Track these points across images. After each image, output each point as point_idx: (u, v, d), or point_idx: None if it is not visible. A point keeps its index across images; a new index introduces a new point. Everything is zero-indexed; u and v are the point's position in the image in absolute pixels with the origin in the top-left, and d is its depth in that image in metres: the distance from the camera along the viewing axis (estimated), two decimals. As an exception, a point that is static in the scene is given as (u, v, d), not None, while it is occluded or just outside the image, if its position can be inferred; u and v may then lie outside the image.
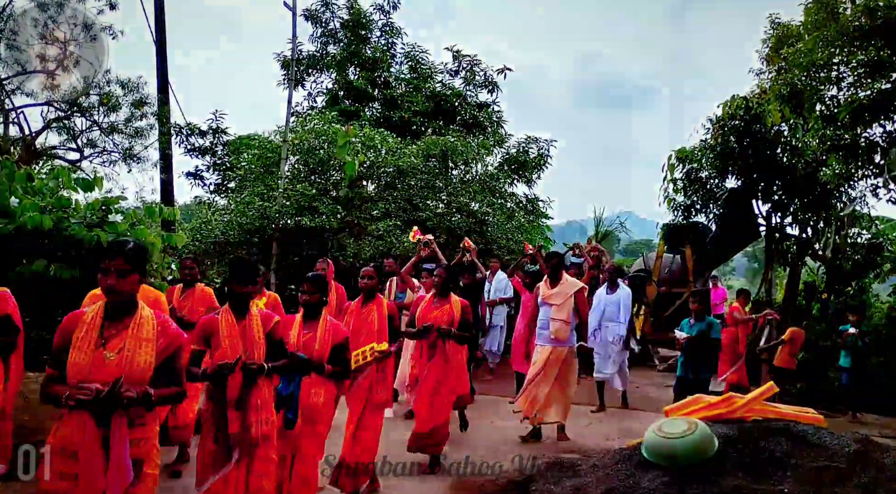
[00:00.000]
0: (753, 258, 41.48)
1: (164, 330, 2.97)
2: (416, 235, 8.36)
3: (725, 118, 12.27)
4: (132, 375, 2.80)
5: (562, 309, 6.70)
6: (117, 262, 2.85)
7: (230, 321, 3.80)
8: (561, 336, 6.66)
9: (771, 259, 13.14)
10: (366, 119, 16.37)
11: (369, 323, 5.28)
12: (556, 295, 6.80)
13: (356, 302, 5.44)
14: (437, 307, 5.87)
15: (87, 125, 16.38)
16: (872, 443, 4.63)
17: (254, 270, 4.19)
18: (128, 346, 2.85)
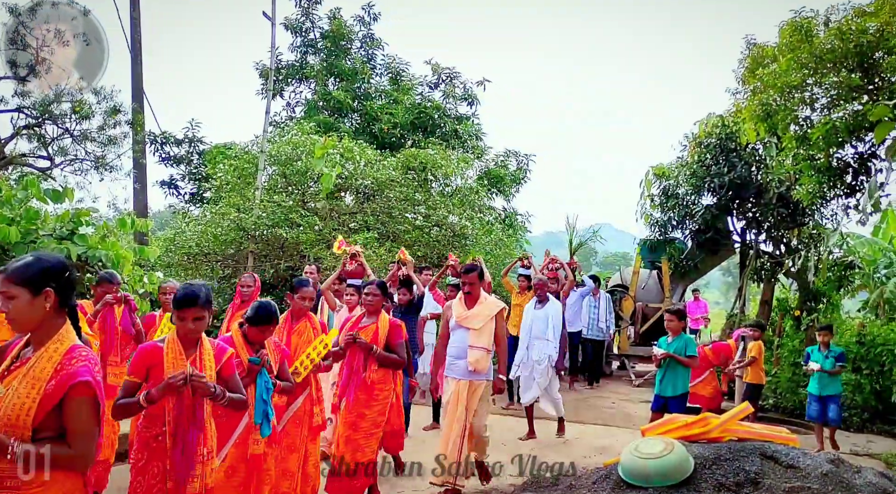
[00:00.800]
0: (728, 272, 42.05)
1: (60, 370, 2.27)
2: (342, 246, 7.55)
3: (702, 136, 12.44)
4: (4, 419, 2.20)
5: (481, 335, 5.45)
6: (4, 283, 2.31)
7: (177, 352, 3.24)
8: (481, 367, 5.41)
9: (744, 275, 13.28)
10: (344, 130, 16.34)
11: (305, 340, 4.73)
12: (475, 318, 5.49)
13: (284, 319, 4.79)
14: (362, 327, 5.18)
15: (58, 132, 16.08)
16: (844, 463, 4.66)
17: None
18: (14, 383, 2.26)
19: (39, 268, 2.33)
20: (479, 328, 5.42)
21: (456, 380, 5.48)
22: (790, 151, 8.91)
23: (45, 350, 2.31)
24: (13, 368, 2.32)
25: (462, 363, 5.45)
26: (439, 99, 18.92)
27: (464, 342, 5.47)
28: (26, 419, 2.19)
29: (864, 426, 9.09)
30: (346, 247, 7.41)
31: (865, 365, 9.30)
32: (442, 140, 16.96)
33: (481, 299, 5.55)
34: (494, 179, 17.54)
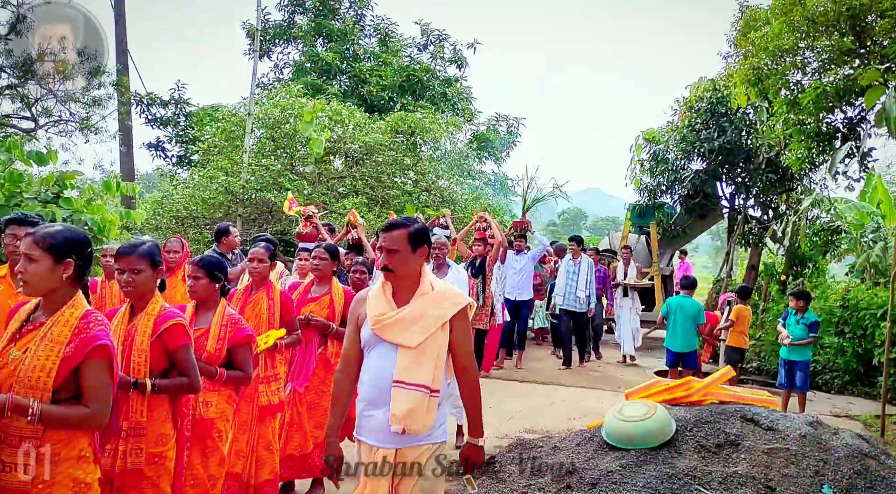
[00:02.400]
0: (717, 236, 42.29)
1: (78, 333, 2.34)
2: (293, 205, 6.99)
3: (693, 100, 12.38)
4: (25, 380, 2.26)
5: (420, 360, 2.77)
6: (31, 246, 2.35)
7: (122, 318, 3.03)
8: (416, 426, 2.75)
9: (732, 239, 13.38)
10: (333, 93, 16.14)
11: (257, 313, 4.22)
12: (407, 324, 2.80)
13: (243, 290, 4.38)
14: (314, 298, 4.64)
15: (42, 93, 15.81)
16: (822, 425, 4.78)
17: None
18: (32, 346, 2.32)
19: (65, 238, 2.40)
20: (417, 345, 2.74)
21: (371, 448, 2.86)
22: (780, 116, 8.89)
23: (62, 314, 2.37)
24: (25, 331, 2.37)
25: (380, 415, 2.77)
26: (428, 61, 18.69)
27: (384, 373, 2.77)
28: (47, 380, 2.26)
29: (844, 388, 9.27)
30: (299, 208, 6.90)
31: (849, 329, 9.43)
32: (431, 103, 16.82)
33: (423, 287, 2.84)
34: (484, 143, 17.44)
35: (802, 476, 4.10)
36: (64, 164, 15.80)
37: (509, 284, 9.15)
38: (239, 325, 3.55)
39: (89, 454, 2.40)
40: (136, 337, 2.94)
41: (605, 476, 4.19)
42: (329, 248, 4.73)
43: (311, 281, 4.76)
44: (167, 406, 3.01)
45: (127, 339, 2.96)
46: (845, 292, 10.03)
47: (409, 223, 2.85)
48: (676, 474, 4.07)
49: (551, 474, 4.48)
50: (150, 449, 2.91)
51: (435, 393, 2.76)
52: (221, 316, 3.53)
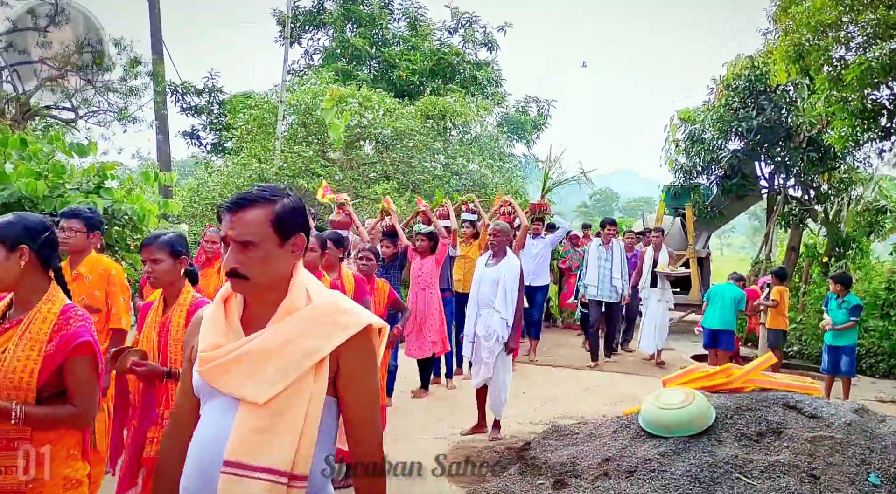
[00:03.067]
0: (755, 216, 41.45)
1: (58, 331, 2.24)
2: (327, 193, 6.99)
3: (730, 78, 12.08)
4: (6, 382, 2.17)
5: (276, 424, 1.62)
6: None
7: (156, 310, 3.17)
8: None
9: (772, 220, 13.09)
10: (363, 78, 16.14)
11: None
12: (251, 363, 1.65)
13: None
14: None
15: (81, 84, 16.12)
16: (868, 412, 4.65)
17: None
18: (10, 346, 2.21)
19: (15, 226, 2.26)
20: (268, 400, 1.61)
21: None
22: (822, 93, 8.63)
23: (38, 310, 2.26)
24: (2, 330, 2.26)
25: None
26: (458, 44, 18.55)
27: (213, 446, 1.64)
28: (30, 380, 2.18)
29: (890, 372, 9.06)
30: (332, 195, 6.92)
31: (894, 312, 9.19)
32: (461, 87, 16.70)
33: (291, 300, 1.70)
34: (514, 126, 17.30)
35: (848, 464, 4.00)
36: (104, 154, 16.12)
37: (525, 269, 8.88)
38: None
39: (77, 452, 2.35)
40: (171, 328, 3.00)
41: (643, 464, 4.15)
42: (332, 237, 4.73)
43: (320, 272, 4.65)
44: None
45: (162, 330, 3.03)
46: (890, 274, 9.77)
47: (273, 197, 1.70)
48: (716, 462, 4.01)
49: (588, 461, 4.46)
50: None
51: (298, 485, 1.60)
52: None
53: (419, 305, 6.94)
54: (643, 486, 4.00)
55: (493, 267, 5.76)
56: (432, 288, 7.04)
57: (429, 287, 7.01)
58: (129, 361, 2.93)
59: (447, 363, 7.69)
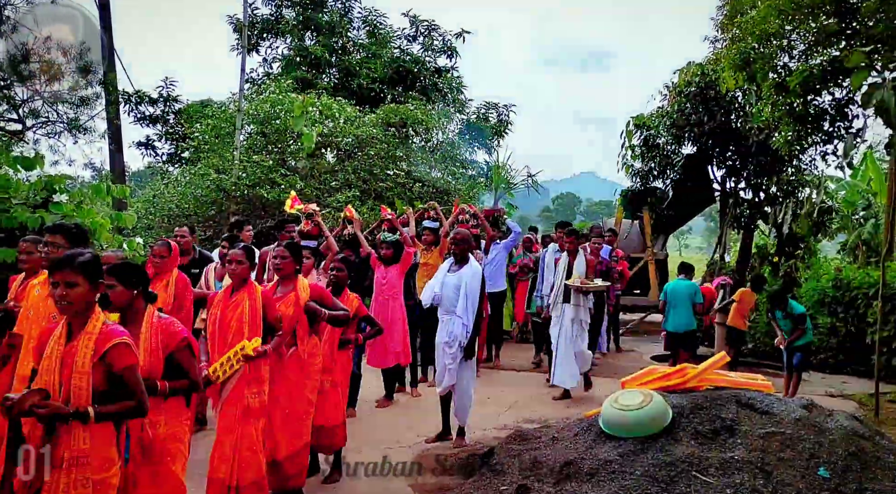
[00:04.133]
0: (710, 218, 42.42)
1: None
2: (295, 204, 6.96)
3: (682, 85, 12.39)
4: None
5: None
6: None
7: (58, 339, 2.80)
8: None
9: (725, 222, 13.44)
10: (323, 87, 16.07)
11: (239, 315, 4.07)
12: None
13: (223, 292, 4.24)
14: (278, 298, 4.44)
15: (28, 94, 15.72)
16: (817, 408, 4.82)
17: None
18: None
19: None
20: None
21: None
22: (769, 99, 8.92)
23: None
24: None
25: None
26: (418, 52, 18.62)
27: None
28: None
29: (838, 367, 9.36)
30: (301, 206, 6.87)
31: (841, 309, 9.51)
32: (422, 94, 16.76)
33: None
34: (476, 132, 17.42)
35: (798, 459, 4.14)
36: (54, 165, 15.78)
37: None
38: (171, 328, 3.19)
39: None
40: (77, 359, 2.68)
41: (604, 466, 4.23)
42: (289, 246, 4.59)
43: (276, 283, 4.62)
44: (110, 427, 2.77)
45: (66, 362, 2.70)
46: (837, 272, 10.11)
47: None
48: (674, 461, 4.11)
49: (550, 464, 4.52)
50: (95, 476, 2.67)
51: None
52: (149, 325, 3.15)
53: (382, 315, 6.84)
54: (604, 488, 4.08)
55: (454, 273, 5.78)
56: (396, 298, 6.98)
57: (392, 297, 6.95)
58: (28, 402, 2.56)
59: (412, 371, 7.69)
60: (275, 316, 4.21)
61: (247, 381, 4.01)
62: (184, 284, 5.39)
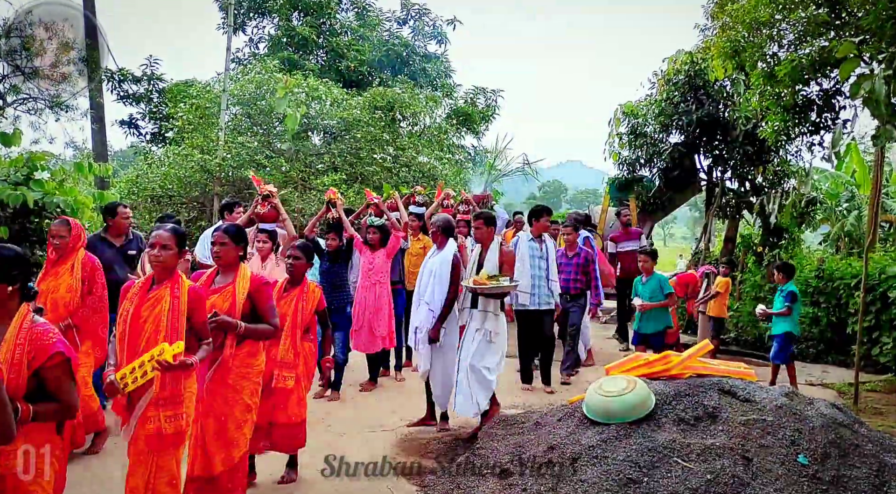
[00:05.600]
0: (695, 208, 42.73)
1: None
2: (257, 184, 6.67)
3: (671, 73, 12.36)
4: None
5: None
6: None
7: None
8: None
9: (710, 211, 13.50)
10: (310, 68, 15.91)
11: (157, 315, 3.35)
12: None
13: (140, 284, 3.49)
14: (217, 288, 3.87)
15: (8, 70, 15.41)
16: (798, 395, 4.87)
17: None
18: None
19: None
20: None
21: None
22: (757, 89, 8.91)
23: None
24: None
25: None
26: (408, 36, 18.46)
27: None
28: None
29: (819, 357, 9.47)
30: (258, 186, 6.55)
31: (823, 299, 9.60)
32: (410, 78, 16.64)
33: None
34: (463, 118, 17.34)
35: (779, 446, 4.18)
36: (35, 143, 15.53)
37: None
38: (43, 340, 2.54)
39: None
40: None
41: (587, 451, 4.25)
42: (229, 230, 3.94)
43: (214, 271, 3.99)
44: None
45: None
46: (820, 263, 10.20)
47: None
48: (656, 447, 4.14)
49: (533, 449, 4.54)
50: None
51: None
52: (17, 330, 2.53)
53: (369, 300, 6.84)
54: (586, 472, 4.10)
55: (431, 258, 5.81)
56: (383, 283, 6.93)
57: (379, 282, 6.90)
58: None
59: (397, 355, 7.70)
60: (202, 320, 3.48)
61: (159, 401, 3.31)
62: (92, 266, 4.87)
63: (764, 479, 3.90)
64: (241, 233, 4.00)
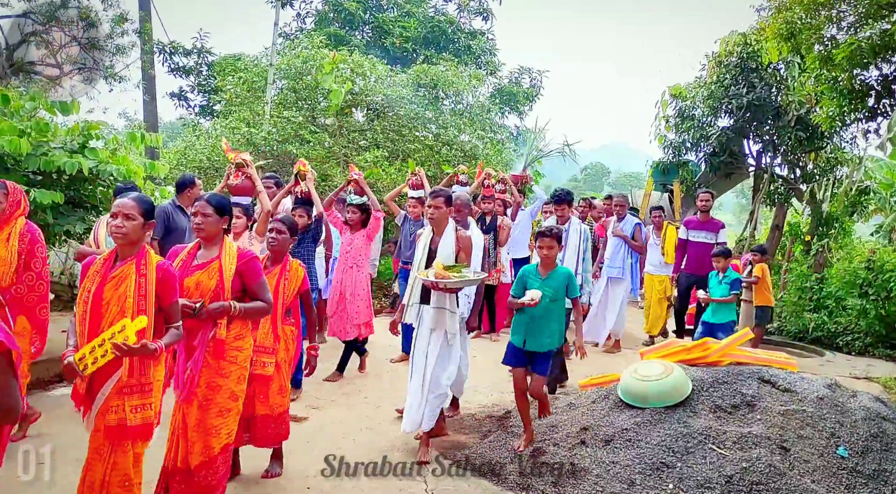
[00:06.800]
0: (741, 194, 41.68)
1: None
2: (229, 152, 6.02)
3: (723, 55, 12.05)
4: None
5: None
6: None
7: None
8: None
9: (757, 198, 13.19)
10: (355, 44, 15.94)
11: (121, 295, 3.00)
12: None
13: (103, 260, 3.12)
14: (200, 264, 3.49)
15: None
16: (840, 388, 4.79)
17: None
18: None
19: None
20: None
21: None
22: (812, 72, 8.64)
23: None
24: None
25: None
26: (454, 12, 18.32)
27: None
28: None
29: (865, 350, 9.23)
30: (232, 154, 5.83)
31: (872, 291, 9.33)
32: (454, 56, 16.55)
33: None
34: (507, 97, 17.20)
35: (818, 437, 4.13)
36: (88, 113, 15.92)
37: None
38: None
39: None
40: None
41: (620, 434, 4.26)
42: (212, 200, 3.53)
43: (196, 245, 3.60)
44: None
45: None
46: (870, 254, 9.90)
47: None
48: (691, 433, 4.12)
49: (566, 429, 4.56)
50: None
51: None
52: None
53: (345, 284, 6.37)
54: (619, 454, 4.11)
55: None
56: (361, 267, 6.47)
57: (357, 265, 6.44)
58: None
59: None
60: (172, 302, 3.11)
61: (124, 389, 2.99)
62: (32, 238, 4.25)
63: (801, 469, 3.86)
64: (224, 203, 3.59)
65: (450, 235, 4.71)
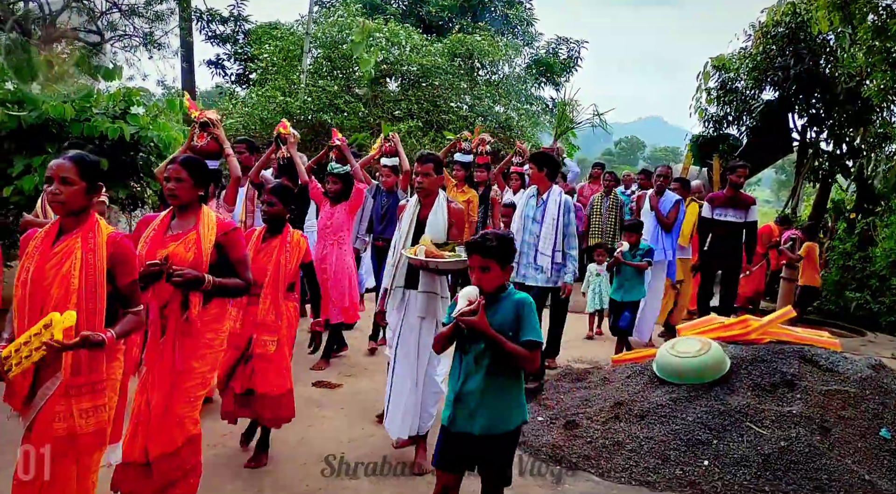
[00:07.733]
0: (782, 171, 40.66)
1: None
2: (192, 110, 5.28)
3: (769, 25, 11.64)
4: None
5: None
6: None
7: None
8: None
9: (801, 174, 12.84)
10: (391, 12, 15.77)
11: (65, 275, 2.50)
12: None
13: (44, 233, 2.62)
14: (175, 235, 3.04)
15: (107, 6, 15.94)
16: (885, 368, 4.68)
17: None
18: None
19: None
20: None
21: None
22: (864, 43, 8.31)
23: None
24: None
25: None
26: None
27: None
28: None
29: (907, 331, 9.02)
30: (197, 112, 5.16)
31: (918, 272, 9.08)
32: (490, 25, 16.27)
33: None
34: (544, 68, 16.91)
35: (860, 418, 4.05)
36: (129, 80, 16.13)
37: None
38: None
39: None
40: None
41: (655, 410, 4.22)
42: (188, 162, 3.09)
43: (168, 214, 3.15)
44: None
45: None
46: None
47: None
48: (728, 411, 4.07)
49: (600, 404, 4.54)
50: None
51: None
52: None
53: (327, 262, 5.68)
54: (653, 430, 4.08)
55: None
56: (343, 242, 5.79)
57: (339, 240, 5.75)
58: None
59: None
60: (127, 282, 2.64)
61: (70, 390, 2.49)
62: None
63: (842, 451, 3.80)
64: (201, 166, 3.15)
65: (441, 207, 4.02)
